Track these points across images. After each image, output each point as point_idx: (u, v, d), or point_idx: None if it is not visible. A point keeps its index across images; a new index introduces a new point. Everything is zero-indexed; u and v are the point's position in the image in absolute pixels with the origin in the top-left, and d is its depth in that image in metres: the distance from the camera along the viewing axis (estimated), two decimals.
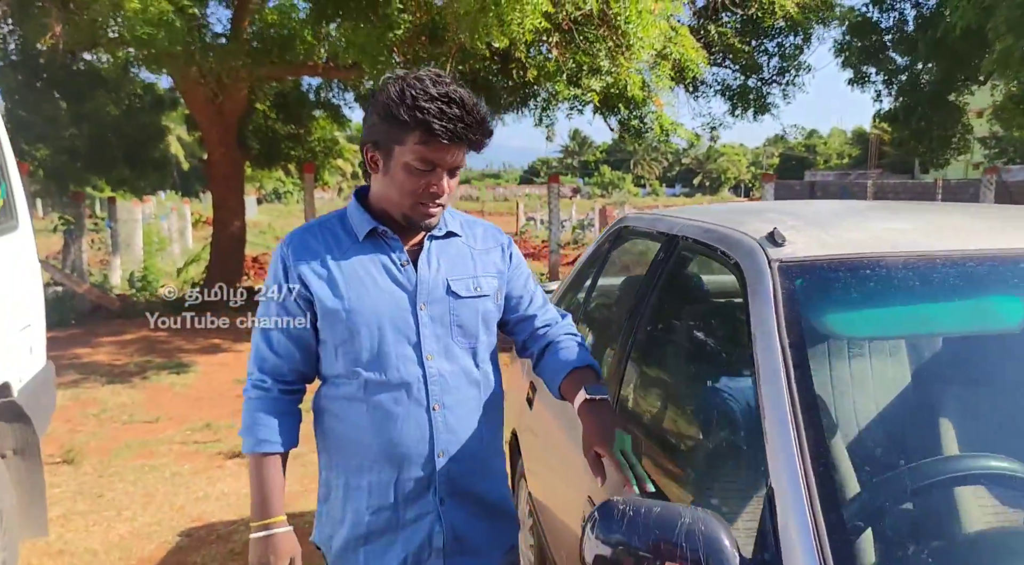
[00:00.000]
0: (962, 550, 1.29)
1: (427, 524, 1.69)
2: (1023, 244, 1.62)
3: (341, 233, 1.69)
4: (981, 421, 1.55)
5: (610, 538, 1.23)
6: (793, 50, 9.99)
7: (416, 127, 1.52)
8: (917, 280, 1.57)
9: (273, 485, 1.69)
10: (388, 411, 1.65)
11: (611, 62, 7.10)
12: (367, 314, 1.64)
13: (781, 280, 1.53)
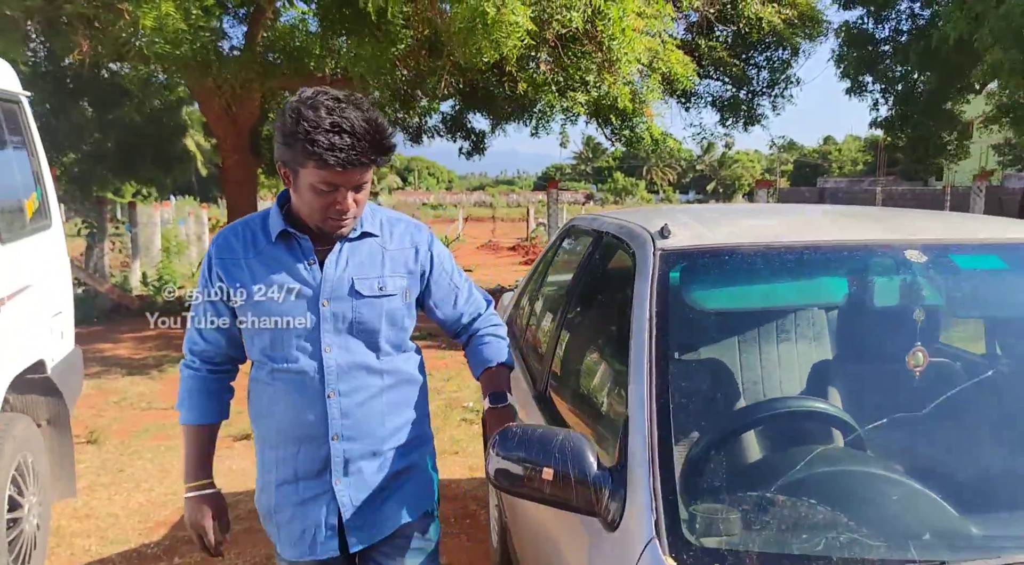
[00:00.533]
0: (770, 462, 1.70)
1: (322, 503, 1.84)
2: (852, 237, 2.04)
3: (259, 233, 1.83)
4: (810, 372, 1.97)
5: (508, 455, 1.62)
6: (781, 63, 10.36)
7: (310, 157, 1.62)
8: (767, 264, 1.99)
9: (202, 452, 1.91)
10: (289, 396, 1.81)
11: (598, 76, 7.52)
12: (272, 305, 1.79)
13: (660, 265, 1.95)
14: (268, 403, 1.85)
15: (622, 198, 72.67)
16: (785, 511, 1.46)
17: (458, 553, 3.78)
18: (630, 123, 8.73)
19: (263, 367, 1.85)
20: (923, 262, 1.90)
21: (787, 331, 2.09)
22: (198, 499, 1.90)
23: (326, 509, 1.84)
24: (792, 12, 9.27)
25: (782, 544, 1.39)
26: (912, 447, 1.73)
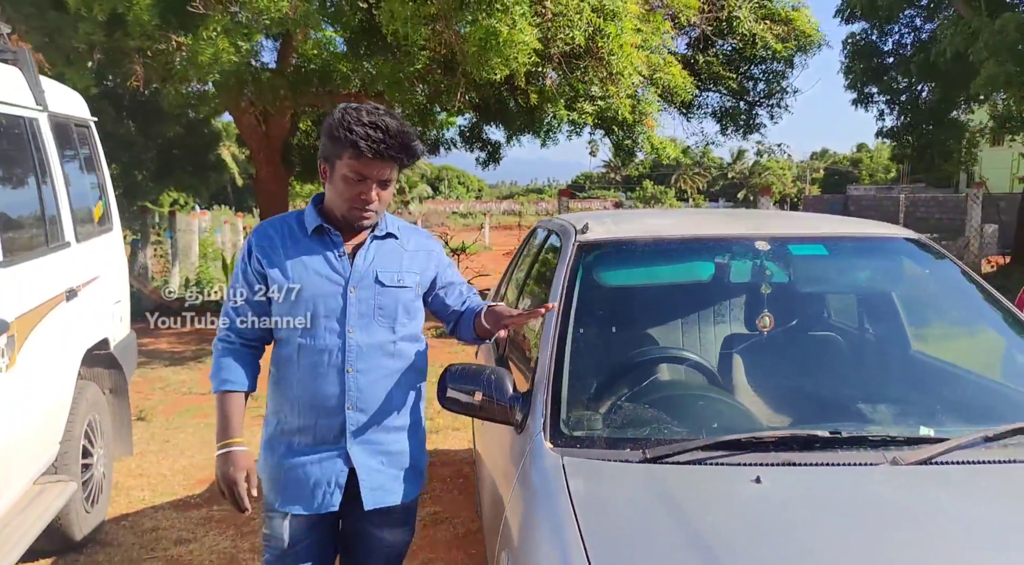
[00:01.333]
0: (625, 386, 2.35)
1: (335, 462, 2.10)
2: (717, 232, 2.70)
3: (296, 227, 2.12)
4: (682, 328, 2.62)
5: (454, 385, 2.28)
6: (776, 76, 10.93)
7: (348, 145, 1.93)
8: (654, 252, 2.66)
9: (233, 415, 2.09)
10: (313, 370, 2.07)
11: (602, 88, 8.18)
12: (306, 291, 2.06)
13: (576, 252, 2.63)
14: (293, 376, 2.09)
15: (651, 206, 72.92)
16: (626, 414, 2.12)
17: (452, 504, 4.46)
18: (631, 133, 9.37)
19: (289, 344, 2.09)
20: (767, 250, 2.55)
21: (668, 300, 2.76)
22: (230, 455, 2.06)
23: (338, 470, 2.10)
24: (784, 28, 9.85)
25: (620, 431, 2.05)
26: (744, 379, 2.38)
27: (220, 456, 2.08)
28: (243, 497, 2.07)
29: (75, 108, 4.26)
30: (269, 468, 2.16)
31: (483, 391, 2.22)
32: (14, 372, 2.94)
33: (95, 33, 6.90)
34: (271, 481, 2.16)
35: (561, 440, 2.03)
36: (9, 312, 2.88)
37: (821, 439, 1.94)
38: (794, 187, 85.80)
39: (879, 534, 1.62)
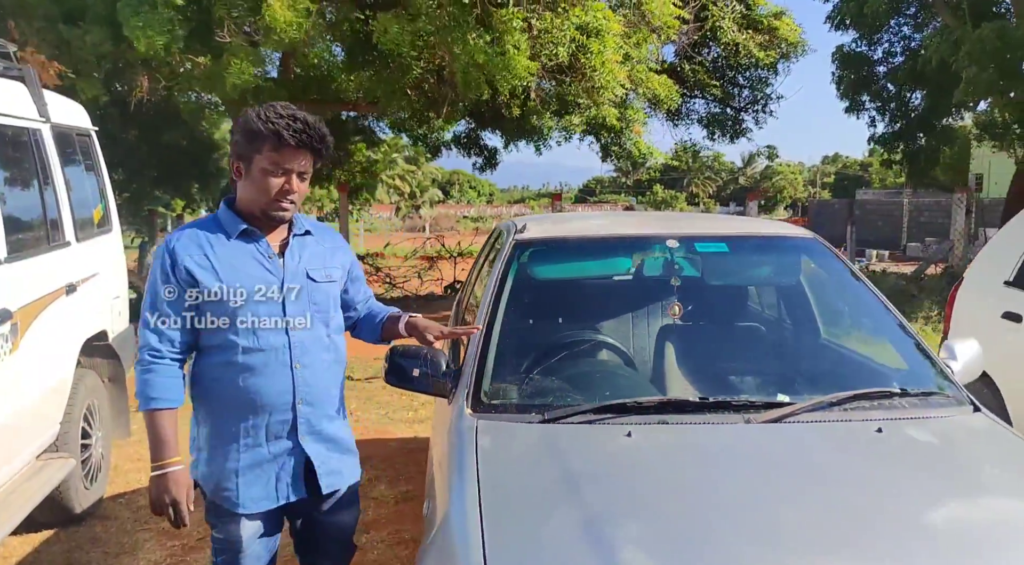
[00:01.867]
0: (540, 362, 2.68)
1: (291, 456, 2.16)
2: (634, 232, 3.04)
3: (216, 233, 2.10)
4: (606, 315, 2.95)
5: (394, 360, 2.61)
6: (760, 83, 11.26)
7: (269, 136, 1.98)
8: (580, 249, 3.01)
9: (166, 434, 2.06)
10: (259, 370, 2.08)
11: (587, 100, 8.56)
12: (243, 295, 2.07)
13: (511, 249, 2.98)
14: (236, 380, 2.08)
15: (662, 210, 73.04)
16: (536, 385, 2.47)
17: (421, 484, 4.80)
18: (619, 139, 9.72)
19: (227, 350, 2.08)
20: (676, 247, 2.89)
21: (589, 291, 3.11)
22: (168, 475, 2.06)
23: (295, 462, 2.17)
24: (767, 37, 10.18)
25: (528, 399, 2.40)
26: (649, 357, 2.72)
27: (157, 477, 2.07)
28: (184, 515, 2.09)
29: (77, 119, 4.65)
30: (218, 475, 2.15)
31: (420, 368, 2.57)
32: (17, 356, 3.32)
33: (102, 45, 7.33)
34: (222, 487, 2.14)
35: (480, 407, 2.37)
36: (12, 302, 3.26)
37: (692, 404, 2.29)
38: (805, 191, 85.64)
39: (720, 470, 1.98)
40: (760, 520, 1.78)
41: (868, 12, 12.63)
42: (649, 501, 1.89)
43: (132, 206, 14.74)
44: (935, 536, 1.74)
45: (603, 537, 1.71)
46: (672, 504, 1.86)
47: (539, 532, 1.78)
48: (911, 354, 2.59)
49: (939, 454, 2.14)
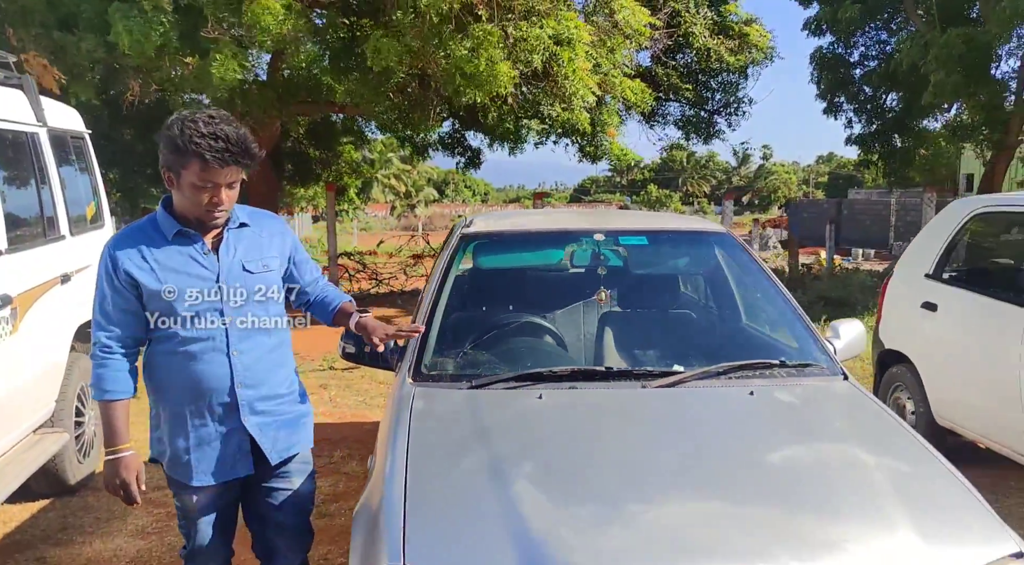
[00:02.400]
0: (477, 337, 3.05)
1: (236, 435, 2.32)
2: (566, 226, 3.42)
3: (154, 234, 2.25)
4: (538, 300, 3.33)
5: (348, 341, 2.95)
6: (732, 86, 11.66)
7: (194, 157, 2.06)
8: (518, 242, 3.39)
9: (119, 422, 2.24)
10: (199, 357, 2.25)
11: (560, 105, 8.92)
12: (180, 292, 2.22)
13: (458, 241, 3.35)
14: (180, 367, 2.26)
15: (656, 209, 73.37)
16: (469, 358, 2.85)
17: None
18: (593, 141, 10.09)
19: (170, 341, 2.25)
20: (603, 240, 3.27)
21: (526, 278, 3.49)
22: (121, 460, 2.25)
23: (239, 439, 2.34)
24: (737, 43, 10.56)
25: (461, 370, 2.77)
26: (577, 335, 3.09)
27: (110, 461, 2.26)
28: (134, 494, 2.29)
29: (72, 123, 5.00)
30: (172, 453, 2.34)
31: (369, 346, 2.94)
32: (16, 337, 3.68)
33: (95, 51, 7.68)
34: (176, 463, 2.34)
35: (419, 377, 2.74)
36: (12, 289, 3.62)
37: (599, 373, 2.68)
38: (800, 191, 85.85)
39: (612, 424, 2.37)
40: (634, 461, 2.17)
41: (842, 19, 13.03)
42: (546, 446, 2.27)
43: (127, 203, 15.06)
44: (770, 471, 2.12)
45: (503, 474, 2.09)
46: (565, 449, 2.25)
47: (452, 473, 2.16)
48: (799, 333, 2.97)
49: (795, 411, 2.53)
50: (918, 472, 2.15)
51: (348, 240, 27.50)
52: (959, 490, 2.06)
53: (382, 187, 57.09)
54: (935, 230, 4.92)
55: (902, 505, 1.96)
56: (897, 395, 5.01)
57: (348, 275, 13.13)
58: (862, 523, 1.90)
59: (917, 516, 1.92)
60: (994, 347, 4.11)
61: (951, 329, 4.54)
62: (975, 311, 4.35)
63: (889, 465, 2.17)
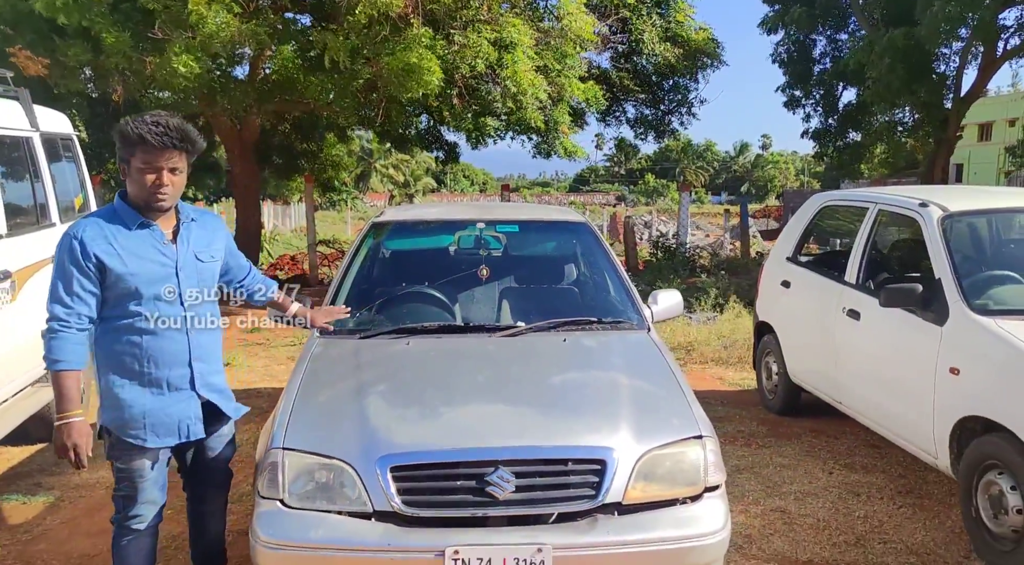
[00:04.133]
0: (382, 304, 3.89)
1: (189, 401, 2.64)
2: (456, 216, 4.28)
3: (118, 224, 2.50)
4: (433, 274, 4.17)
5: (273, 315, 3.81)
6: (683, 89, 12.48)
7: (138, 141, 2.38)
8: (417, 228, 4.25)
9: (71, 391, 2.45)
10: (161, 335, 2.55)
11: (510, 104, 9.73)
12: (144, 276, 2.50)
13: (369, 228, 4.21)
14: (141, 343, 2.53)
15: (653, 199, 73.93)
16: (364, 318, 3.69)
17: None
18: (546, 138, 10.91)
19: (132, 319, 2.52)
20: (484, 227, 4.13)
21: (422, 258, 4.34)
22: (71, 425, 2.48)
23: (194, 407, 2.67)
24: (680, 50, 11.37)
25: (356, 327, 3.61)
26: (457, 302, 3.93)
27: (61, 426, 2.47)
28: (83, 457, 2.51)
29: (61, 126, 5.83)
30: (127, 418, 2.57)
31: None
32: (14, 306, 4.52)
33: (84, 55, 8.50)
34: (131, 426, 2.58)
35: (323, 333, 3.58)
36: (11, 266, 4.46)
37: (460, 327, 3.55)
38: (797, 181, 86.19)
39: (457, 361, 3.24)
40: (457, 383, 3.07)
41: (789, 22, 13.80)
42: (399, 375, 3.15)
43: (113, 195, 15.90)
44: (547, 387, 3.04)
45: (363, 391, 2.96)
46: (412, 376, 3.13)
47: (328, 391, 3.03)
48: (623, 300, 3.83)
49: (590, 350, 3.41)
50: (656, 391, 3.03)
51: (342, 229, 28.26)
52: (681, 403, 2.93)
53: (380, 176, 57.85)
54: (798, 219, 5.77)
55: (632, 410, 2.83)
56: (767, 359, 5.88)
57: (327, 262, 13.97)
58: (597, 420, 2.77)
59: (638, 417, 2.80)
60: (821, 316, 4.97)
61: (798, 303, 5.40)
62: (812, 287, 5.21)
63: (637, 385, 3.04)
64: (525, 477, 2.59)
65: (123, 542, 2.72)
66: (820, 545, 3.78)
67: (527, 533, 2.53)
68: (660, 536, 2.59)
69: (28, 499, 4.35)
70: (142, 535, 2.73)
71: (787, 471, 4.72)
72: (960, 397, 3.71)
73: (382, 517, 2.55)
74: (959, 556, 3.68)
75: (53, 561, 3.61)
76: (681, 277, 11.54)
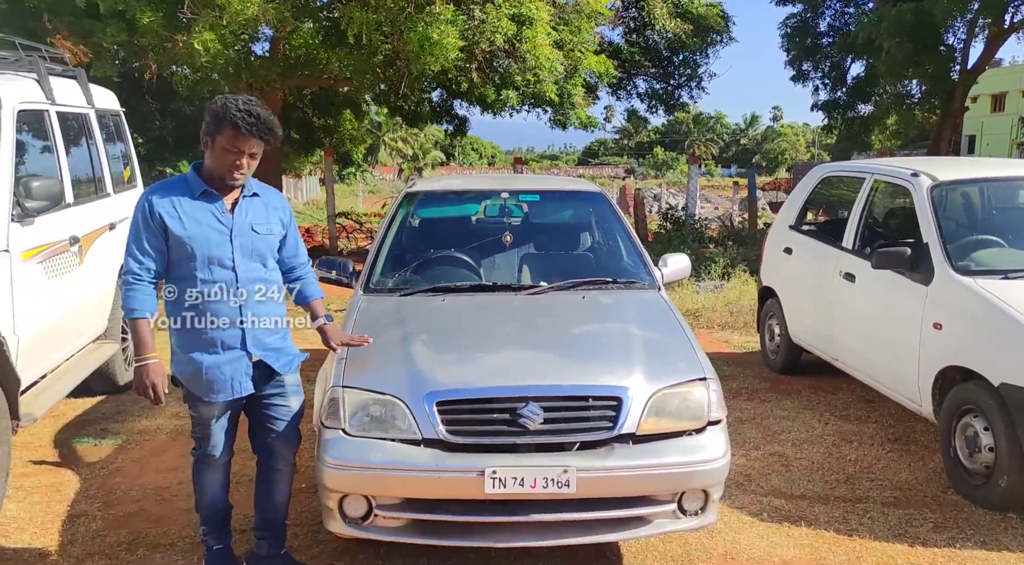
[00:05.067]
0: (418, 264, 4.29)
1: (241, 361, 2.85)
2: (480, 187, 4.69)
3: (185, 191, 2.78)
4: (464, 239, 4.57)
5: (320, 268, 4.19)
6: (693, 63, 12.75)
7: (228, 124, 2.60)
8: (447, 198, 4.66)
9: (144, 336, 2.73)
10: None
11: (528, 77, 10.06)
12: (199, 240, 2.73)
13: (402, 198, 4.62)
14: (197, 303, 2.76)
15: (662, 172, 73.79)
16: (401, 278, 4.11)
17: None
18: (561, 110, 11.25)
19: (190, 280, 2.76)
20: (508, 197, 4.52)
21: (452, 224, 4.74)
22: (148, 366, 2.76)
23: (245, 365, 2.87)
24: (690, 26, 11.63)
25: (396, 286, 4.03)
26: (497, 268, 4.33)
27: (139, 367, 2.77)
28: (160, 394, 2.79)
29: (111, 103, 6.23)
30: (191, 372, 2.84)
31: (336, 270, 4.20)
32: (82, 268, 4.96)
33: (118, 35, 8.88)
34: (195, 381, 2.85)
35: (367, 290, 4.02)
36: (79, 231, 4.89)
37: (489, 287, 3.96)
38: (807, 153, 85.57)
39: (487, 314, 3.65)
40: (489, 332, 3.48)
41: None
42: (438, 326, 3.57)
43: (146, 167, 16.39)
44: (568, 336, 3.46)
45: (408, 340, 3.37)
46: (449, 327, 3.56)
47: (376, 339, 3.43)
48: (635, 263, 4.23)
49: (605, 306, 3.81)
50: (666, 340, 3.44)
51: (353, 202, 28.66)
52: (688, 350, 3.34)
53: (389, 150, 58.03)
54: (800, 189, 6.13)
55: (644, 356, 3.24)
56: (770, 322, 6.28)
57: (346, 234, 14.39)
58: (613, 364, 3.19)
59: (650, 362, 3.20)
60: (820, 280, 5.35)
61: (799, 268, 5.79)
62: (812, 253, 5.59)
63: (649, 336, 3.45)
64: (552, 411, 3.00)
65: (201, 471, 3.07)
66: (813, 482, 4.21)
67: (554, 458, 2.95)
68: (668, 461, 3.00)
69: (99, 442, 4.83)
70: (216, 469, 3.06)
71: (786, 422, 5.14)
72: (942, 349, 4.11)
73: (430, 444, 2.97)
74: (938, 491, 4.10)
75: (130, 491, 4.08)
76: (690, 248, 11.90)
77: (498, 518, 2.97)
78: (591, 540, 3.06)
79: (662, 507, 3.04)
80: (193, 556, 3.37)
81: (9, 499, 3.80)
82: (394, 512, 3.00)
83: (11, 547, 3.50)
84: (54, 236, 4.51)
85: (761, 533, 3.64)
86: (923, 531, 3.66)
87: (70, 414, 5.34)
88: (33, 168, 4.46)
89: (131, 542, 3.53)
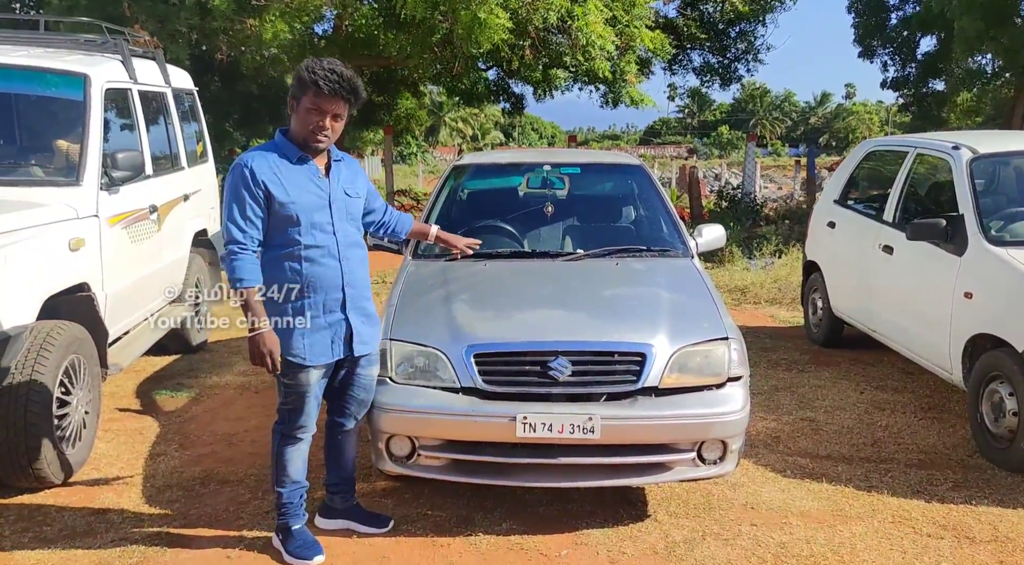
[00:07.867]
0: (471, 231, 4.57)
1: (340, 323, 2.90)
2: (523, 160, 4.95)
3: (281, 156, 2.76)
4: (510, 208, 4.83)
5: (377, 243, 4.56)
6: (748, 35, 12.62)
7: (311, 85, 2.60)
8: (492, 170, 4.93)
9: (255, 306, 2.71)
10: (317, 261, 2.80)
11: (579, 56, 10.20)
12: (303, 205, 2.74)
13: (451, 171, 4.91)
14: (300, 269, 2.78)
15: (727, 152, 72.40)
16: None
17: None
18: (613, 88, 11.35)
19: (292, 247, 2.77)
20: (550, 169, 4.76)
21: (497, 195, 5.00)
22: (264, 335, 2.73)
23: (343, 329, 2.92)
24: None
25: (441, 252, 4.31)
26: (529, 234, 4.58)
27: (253, 337, 2.73)
28: (277, 362, 2.77)
29: (185, 82, 6.68)
30: (289, 339, 2.82)
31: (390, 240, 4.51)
32: (160, 234, 5.41)
33: (192, 19, 9.39)
34: (293, 347, 2.84)
35: (416, 256, 4.32)
36: (157, 201, 5.34)
37: (529, 253, 4.22)
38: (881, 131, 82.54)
39: (528, 278, 3.92)
40: (526, 293, 3.76)
41: None
42: (478, 287, 3.85)
43: (215, 146, 17.13)
44: (600, 298, 3.69)
45: (450, 299, 3.67)
46: (489, 288, 3.83)
47: (422, 298, 3.74)
48: (670, 232, 4.43)
49: (638, 272, 4.04)
50: (692, 302, 3.64)
51: (413, 181, 29.21)
52: (712, 312, 3.54)
53: (449, 130, 58.58)
54: (846, 164, 6.17)
55: (669, 317, 3.46)
56: (813, 296, 6.37)
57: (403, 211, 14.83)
58: (639, 323, 3.42)
59: (674, 322, 3.42)
60: (860, 253, 5.43)
61: (841, 241, 5.86)
62: (854, 226, 5.66)
63: (676, 298, 3.66)
64: (580, 364, 3.25)
65: (286, 448, 3.05)
66: (840, 445, 4.36)
67: (581, 407, 3.21)
68: (688, 412, 3.23)
69: (174, 394, 5.29)
70: (302, 442, 3.08)
71: (821, 390, 5.27)
72: (972, 318, 4.19)
73: (467, 392, 3.26)
74: (964, 455, 4.21)
75: (204, 435, 4.52)
76: (744, 226, 11.89)
77: (529, 459, 3.24)
78: (615, 483, 3.32)
79: (682, 455, 3.27)
80: (258, 491, 3.76)
81: (99, 439, 4.26)
82: (435, 452, 3.31)
83: (103, 477, 3.95)
84: (136, 204, 4.94)
85: (783, 486, 3.83)
86: (942, 489, 3.79)
87: (149, 369, 5.84)
88: (117, 141, 4.90)
89: (204, 478, 3.94)
